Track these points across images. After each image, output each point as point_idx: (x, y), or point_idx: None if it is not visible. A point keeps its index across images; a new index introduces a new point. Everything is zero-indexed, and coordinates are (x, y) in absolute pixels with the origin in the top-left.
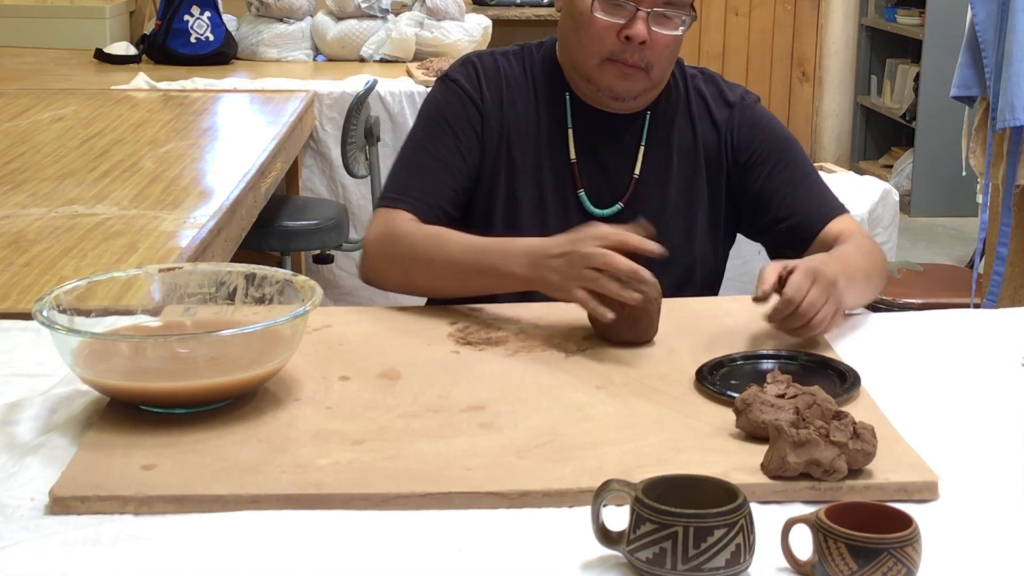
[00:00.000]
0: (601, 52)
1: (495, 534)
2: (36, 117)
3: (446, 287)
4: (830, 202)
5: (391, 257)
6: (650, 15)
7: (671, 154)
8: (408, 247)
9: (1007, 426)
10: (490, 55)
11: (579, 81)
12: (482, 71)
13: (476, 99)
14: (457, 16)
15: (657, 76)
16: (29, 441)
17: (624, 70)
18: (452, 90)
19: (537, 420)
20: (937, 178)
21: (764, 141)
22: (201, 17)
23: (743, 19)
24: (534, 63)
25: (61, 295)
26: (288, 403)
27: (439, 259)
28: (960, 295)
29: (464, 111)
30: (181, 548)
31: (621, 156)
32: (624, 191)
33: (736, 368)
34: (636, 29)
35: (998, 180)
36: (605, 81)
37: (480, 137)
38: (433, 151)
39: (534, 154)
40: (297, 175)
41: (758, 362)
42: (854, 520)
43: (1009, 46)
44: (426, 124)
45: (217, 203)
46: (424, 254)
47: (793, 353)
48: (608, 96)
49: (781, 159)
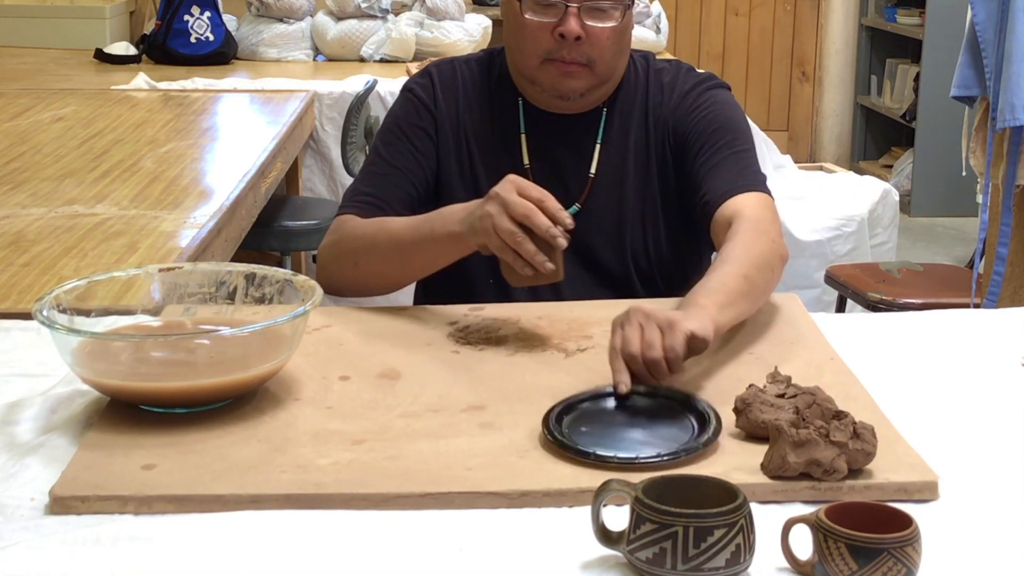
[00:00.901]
0: (538, 53)
1: (495, 534)
2: (36, 117)
3: (394, 270)
4: (740, 180)
5: (340, 256)
6: (581, 9)
7: (626, 151)
8: (352, 239)
9: (1007, 426)
10: (449, 63)
11: (526, 85)
12: (438, 79)
13: (430, 106)
14: (457, 16)
15: (602, 70)
16: (29, 441)
17: (564, 68)
18: (408, 100)
19: (537, 420)
20: (937, 178)
21: (700, 124)
22: (201, 17)
23: (743, 19)
24: (494, 67)
25: (61, 295)
26: (288, 403)
27: (382, 241)
28: (960, 295)
29: (419, 118)
30: (181, 548)
31: (576, 156)
32: (580, 191)
33: (584, 411)
34: (568, 26)
35: (998, 180)
36: (547, 81)
37: (435, 143)
38: (387, 158)
39: (490, 159)
40: (297, 175)
41: (606, 400)
42: (854, 520)
43: (1009, 46)
44: (383, 135)
45: (217, 203)
46: (368, 241)
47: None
48: (553, 96)
49: (710, 140)
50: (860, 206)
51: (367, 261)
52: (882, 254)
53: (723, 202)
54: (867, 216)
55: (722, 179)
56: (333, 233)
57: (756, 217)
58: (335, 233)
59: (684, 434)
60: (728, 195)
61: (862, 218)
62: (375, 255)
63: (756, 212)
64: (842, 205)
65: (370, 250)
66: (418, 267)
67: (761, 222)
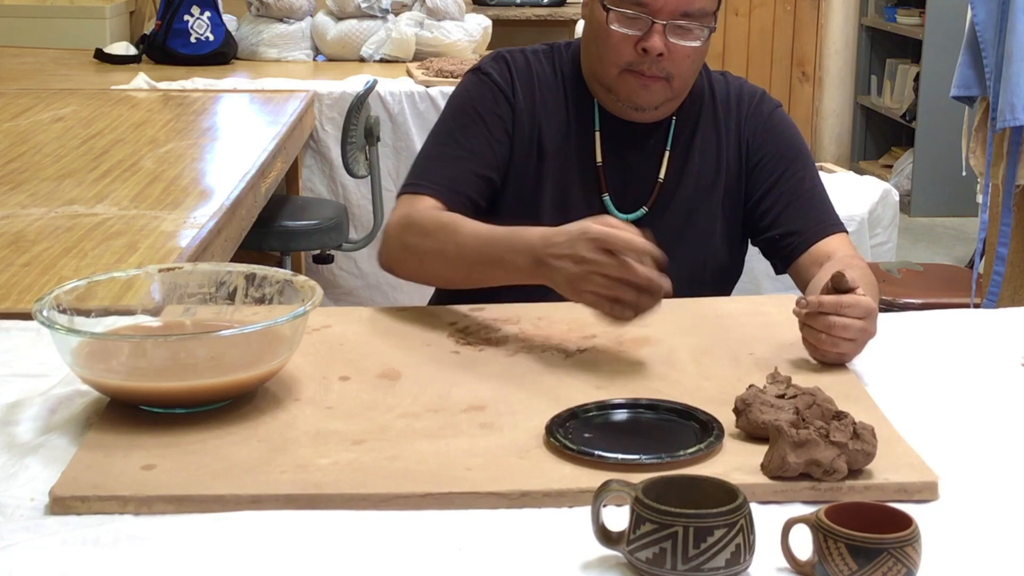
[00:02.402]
0: (619, 63)
1: (495, 534)
2: (36, 117)
3: (457, 277)
4: (827, 218)
5: (407, 247)
6: (667, 27)
7: (694, 157)
8: (421, 235)
9: (1007, 426)
10: (521, 52)
11: (600, 90)
12: (514, 67)
13: (508, 94)
14: (457, 16)
15: (679, 86)
16: (29, 441)
17: (643, 81)
18: (484, 83)
19: (537, 420)
20: (937, 178)
21: (775, 146)
22: (201, 17)
23: (743, 19)
24: (563, 63)
25: (61, 295)
26: (288, 403)
27: (450, 249)
28: (960, 295)
29: (495, 104)
30: (181, 548)
31: (646, 160)
32: (648, 195)
33: (589, 419)
34: (652, 42)
35: (998, 180)
36: (625, 91)
37: (510, 132)
38: (462, 140)
39: (562, 154)
40: (297, 175)
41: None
42: (854, 520)
43: (1009, 46)
44: (456, 114)
45: (217, 203)
46: (437, 246)
47: (653, 402)
48: (629, 107)
49: (788, 168)
50: (860, 206)
51: (432, 263)
52: (882, 254)
53: (815, 242)
54: (867, 216)
55: (810, 215)
56: (403, 214)
57: (853, 255)
58: (404, 214)
59: (686, 440)
60: (821, 234)
61: (862, 218)
62: (440, 261)
63: (849, 251)
64: (842, 205)
65: (436, 255)
66: (482, 281)
67: (857, 258)
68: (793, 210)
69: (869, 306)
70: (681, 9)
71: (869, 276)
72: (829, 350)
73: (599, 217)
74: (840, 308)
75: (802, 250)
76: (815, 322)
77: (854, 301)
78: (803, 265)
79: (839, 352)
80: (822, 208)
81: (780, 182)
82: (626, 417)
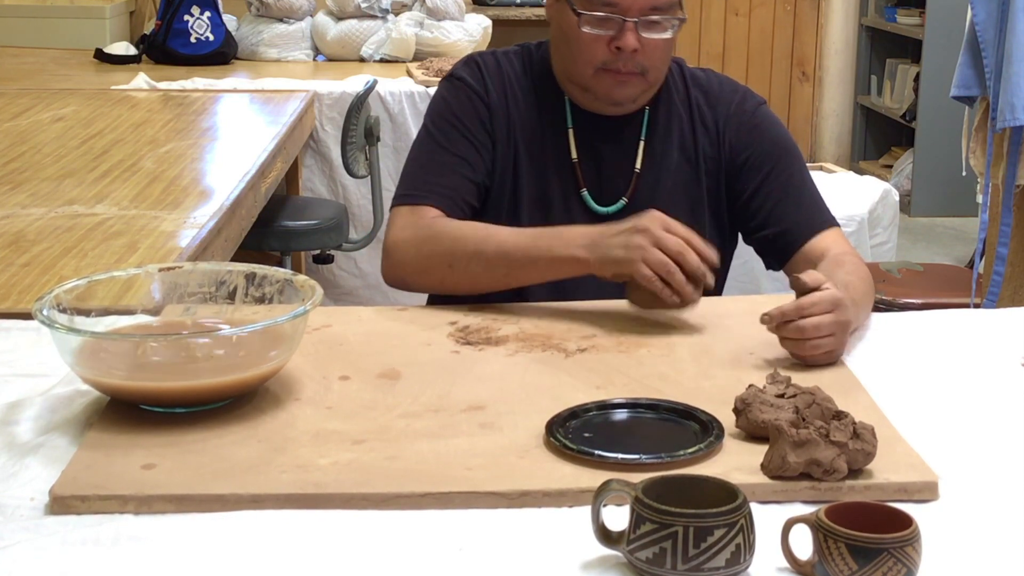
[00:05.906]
0: (594, 63)
1: (495, 534)
2: (36, 117)
3: (494, 280)
4: (819, 215)
5: (431, 256)
6: (638, 23)
7: (671, 148)
8: (451, 240)
9: (1007, 426)
10: (491, 55)
11: (574, 89)
12: (486, 69)
13: (483, 96)
14: (457, 16)
15: (654, 77)
16: (29, 441)
17: (620, 78)
18: (459, 88)
19: (537, 420)
20: (937, 178)
21: (760, 144)
22: (201, 17)
23: (743, 19)
24: (534, 63)
25: (61, 294)
26: (288, 403)
27: (489, 250)
28: (960, 295)
29: (474, 109)
30: (181, 548)
31: (621, 152)
32: (626, 187)
33: (589, 419)
34: (626, 40)
35: (998, 180)
36: (602, 89)
37: (491, 134)
38: (450, 148)
39: (538, 152)
40: (297, 175)
41: (611, 412)
42: (854, 520)
43: (1009, 46)
44: (438, 122)
45: (217, 203)
46: (472, 247)
47: (653, 402)
48: (607, 103)
49: (776, 165)
50: (860, 206)
51: (466, 266)
52: (882, 254)
53: (807, 239)
54: (867, 216)
55: (801, 212)
56: (412, 226)
57: (847, 251)
58: (415, 226)
59: (686, 440)
60: (813, 231)
61: (862, 218)
62: (477, 262)
63: (843, 247)
64: (842, 205)
65: (473, 257)
66: (521, 280)
67: (849, 254)
68: (783, 208)
69: (833, 298)
70: (650, 4)
71: (860, 270)
72: (812, 353)
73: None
74: (803, 310)
75: (795, 248)
76: (786, 331)
77: (816, 299)
78: (797, 264)
79: (824, 352)
80: (812, 204)
81: (768, 180)
82: (626, 417)
